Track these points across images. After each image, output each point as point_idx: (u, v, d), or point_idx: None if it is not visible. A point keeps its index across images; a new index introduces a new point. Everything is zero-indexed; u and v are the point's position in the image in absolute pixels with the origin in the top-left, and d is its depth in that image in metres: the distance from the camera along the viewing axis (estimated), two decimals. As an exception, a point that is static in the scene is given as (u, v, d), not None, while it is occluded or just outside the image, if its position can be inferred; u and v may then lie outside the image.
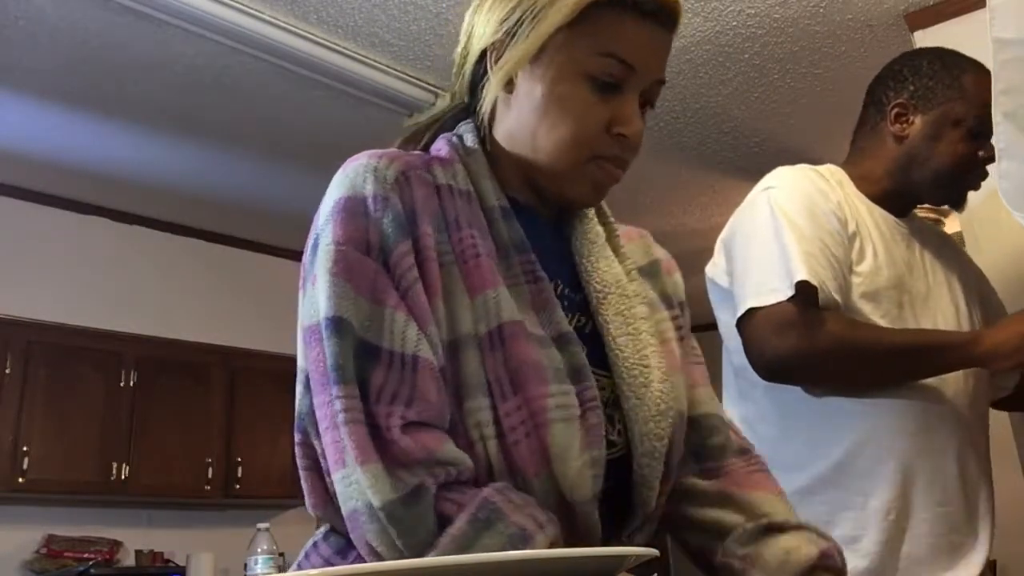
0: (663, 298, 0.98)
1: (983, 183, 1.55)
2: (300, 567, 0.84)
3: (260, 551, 3.36)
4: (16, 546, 4.22)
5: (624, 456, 0.84)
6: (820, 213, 1.43)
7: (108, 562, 4.38)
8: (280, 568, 3.52)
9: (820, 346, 1.33)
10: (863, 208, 1.51)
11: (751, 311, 1.36)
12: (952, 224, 3.68)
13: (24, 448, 4.16)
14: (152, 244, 5.02)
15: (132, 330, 4.69)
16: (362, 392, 0.73)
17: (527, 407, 0.76)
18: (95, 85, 3.59)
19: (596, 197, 0.90)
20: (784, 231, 1.38)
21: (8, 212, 4.55)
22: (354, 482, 0.71)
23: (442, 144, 0.92)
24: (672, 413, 0.86)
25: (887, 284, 1.45)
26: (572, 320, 0.87)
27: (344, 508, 0.72)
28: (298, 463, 0.78)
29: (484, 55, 0.90)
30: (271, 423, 4.99)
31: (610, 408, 0.84)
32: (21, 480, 4.13)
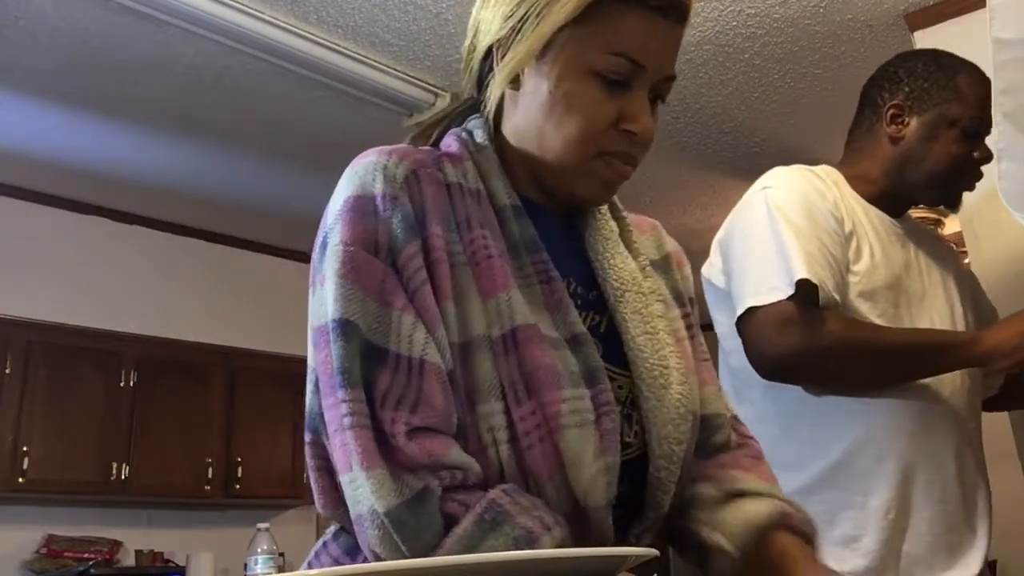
0: (675, 295, 0.97)
1: (982, 183, 1.55)
2: (310, 566, 0.84)
3: (260, 551, 3.36)
4: (16, 546, 4.22)
5: (640, 457, 0.83)
6: (817, 212, 1.43)
7: (108, 562, 4.37)
8: (280, 568, 3.52)
9: (821, 345, 1.33)
10: (859, 208, 1.51)
11: (751, 310, 1.36)
12: (952, 224, 3.67)
13: (24, 448, 4.15)
14: (152, 244, 5.02)
15: (132, 330, 4.69)
16: (368, 396, 0.73)
17: (541, 412, 0.75)
18: (95, 85, 3.59)
19: (605, 195, 0.89)
20: (782, 230, 1.38)
21: (8, 212, 4.54)
22: (360, 487, 0.70)
23: (452, 140, 0.90)
24: (690, 416, 0.85)
25: (884, 283, 1.45)
26: (586, 319, 0.85)
27: (351, 511, 0.72)
28: (308, 463, 0.78)
29: (490, 51, 0.88)
30: (271, 423, 4.99)
31: (627, 408, 0.83)
32: (21, 480, 4.13)
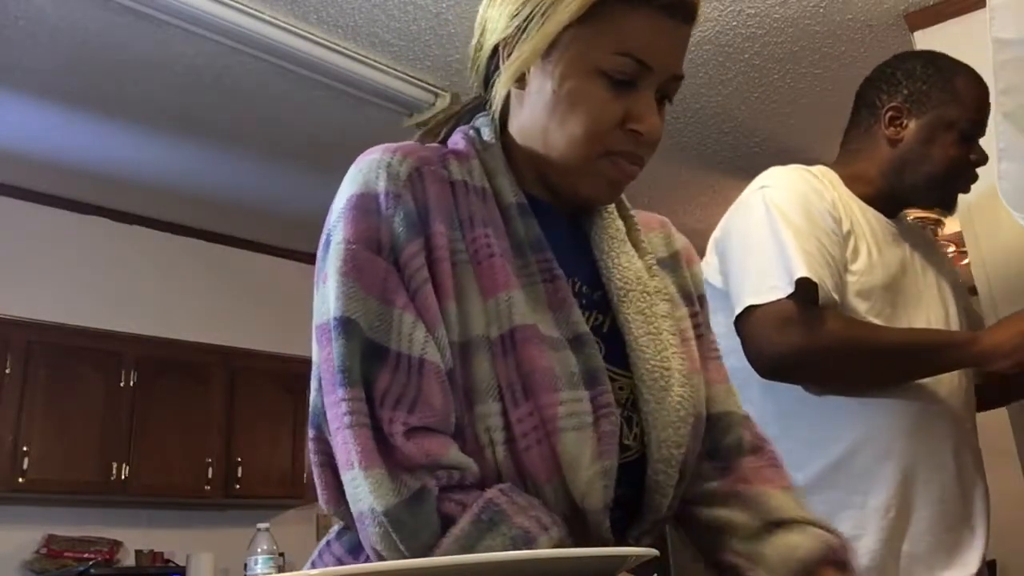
0: (683, 293, 0.96)
1: (982, 183, 1.55)
2: (314, 565, 0.84)
3: (260, 551, 3.36)
4: (16, 546, 4.21)
5: (639, 460, 0.83)
6: (815, 212, 1.43)
7: (108, 562, 4.37)
8: (280, 568, 3.52)
9: (821, 344, 1.33)
10: (856, 208, 1.51)
11: (750, 309, 1.36)
12: (952, 224, 3.68)
13: (24, 448, 4.15)
14: (152, 244, 5.02)
15: (132, 330, 4.68)
16: (368, 394, 0.73)
17: (538, 414, 0.74)
18: (95, 85, 3.59)
19: (611, 195, 0.88)
20: (781, 229, 1.38)
21: (8, 212, 4.54)
22: (359, 485, 0.71)
23: (459, 138, 0.90)
24: (691, 419, 0.84)
25: (881, 283, 1.45)
26: (590, 319, 0.85)
27: (352, 509, 0.72)
28: (311, 459, 0.78)
29: (497, 50, 0.87)
30: (271, 423, 4.99)
31: (628, 409, 0.83)
32: (21, 480, 4.12)
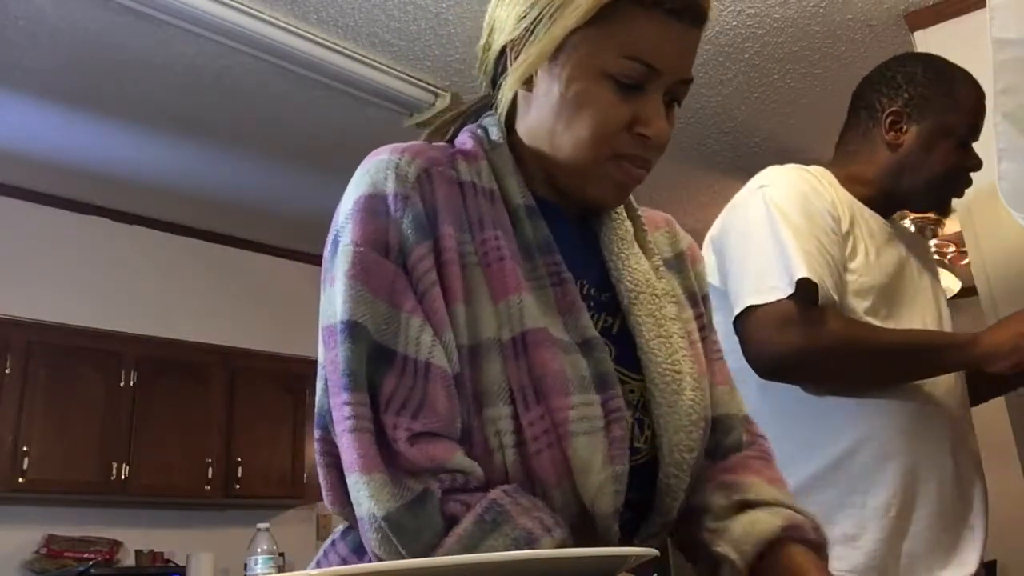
0: (688, 295, 0.95)
1: (982, 183, 1.56)
2: (319, 565, 0.84)
3: (260, 551, 3.36)
4: (16, 546, 4.21)
5: (649, 463, 0.82)
6: (815, 212, 1.43)
7: (108, 562, 4.37)
8: (280, 568, 3.52)
9: (821, 344, 1.33)
10: (855, 208, 1.52)
11: (750, 308, 1.36)
12: (952, 224, 3.67)
13: (24, 448, 4.15)
14: (152, 244, 5.02)
15: (132, 330, 4.68)
16: (373, 399, 0.73)
17: (550, 417, 0.74)
18: (95, 85, 3.59)
19: (618, 198, 0.88)
20: (781, 229, 1.38)
21: (8, 212, 4.54)
22: (360, 489, 0.71)
23: (467, 138, 0.89)
24: (702, 423, 0.84)
25: (878, 283, 1.45)
26: (599, 321, 0.85)
27: (356, 511, 0.72)
28: (317, 459, 0.78)
29: (505, 51, 0.87)
30: (271, 423, 4.99)
31: (639, 412, 0.83)
32: (21, 480, 4.12)
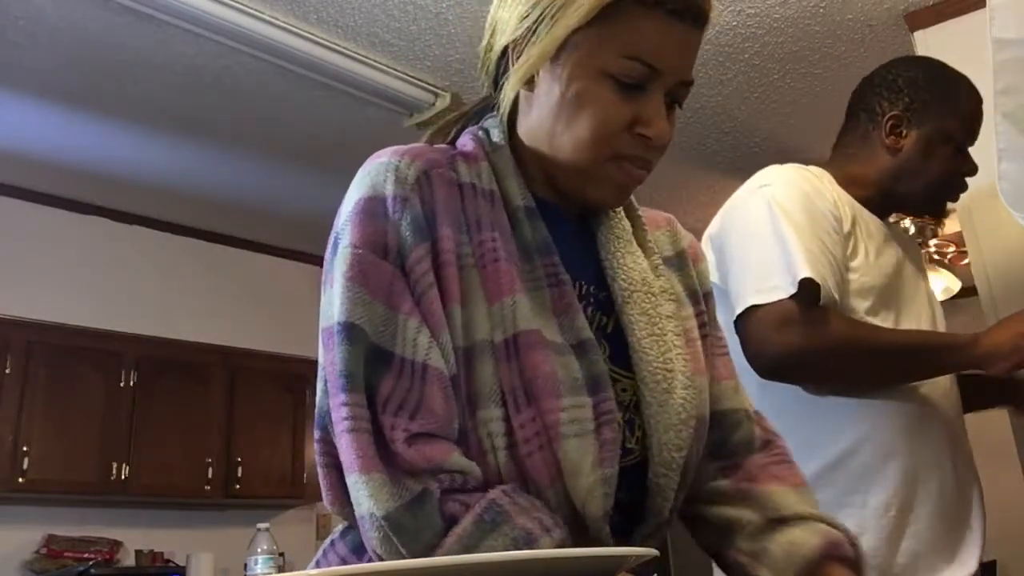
0: (689, 293, 0.95)
1: (982, 183, 1.56)
2: (318, 564, 0.84)
3: (260, 551, 3.36)
4: (16, 546, 4.21)
5: (641, 463, 0.83)
6: (818, 211, 1.43)
7: (108, 562, 4.37)
8: (280, 568, 3.52)
9: (822, 344, 1.33)
10: (855, 208, 1.52)
11: (751, 308, 1.35)
12: (952, 224, 3.67)
13: (24, 448, 4.15)
14: (152, 244, 5.02)
15: (132, 330, 4.68)
16: (371, 400, 0.73)
17: (540, 420, 0.75)
18: (95, 85, 3.59)
19: (618, 199, 0.88)
20: (784, 228, 1.37)
21: (8, 212, 4.54)
22: (359, 489, 0.71)
23: (468, 139, 0.90)
24: (693, 422, 0.84)
25: (878, 283, 1.46)
26: (596, 320, 0.85)
27: (356, 511, 0.73)
28: (317, 459, 0.78)
29: (506, 51, 0.87)
30: (271, 423, 4.99)
31: (631, 412, 0.83)
32: (21, 480, 4.12)
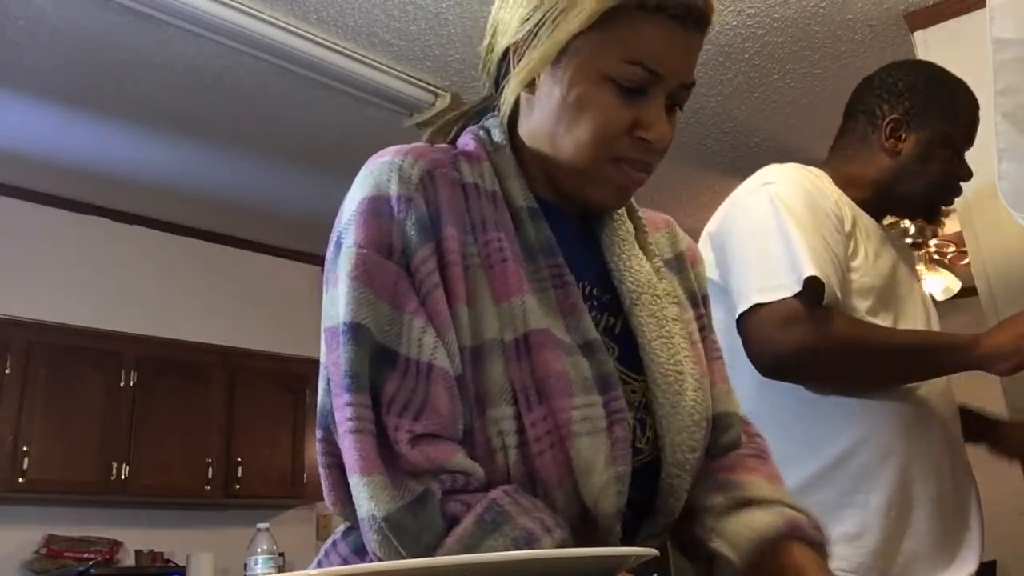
0: (689, 295, 0.96)
1: (982, 183, 1.56)
2: (320, 565, 0.84)
3: (260, 551, 3.36)
4: (16, 546, 4.21)
5: (651, 463, 0.83)
6: (821, 210, 1.43)
7: (108, 562, 4.37)
8: (280, 568, 3.52)
9: (826, 343, 1.33)
10: (855, 209, 1.52)
11: (755, 307, 1.35)
12: (952, 224, 3.67)
13: (24, 448, 4.15)
14: (152, 244, 5.02)
15: (132, 330, 4.68)
16: (375, 400, 0.73)
17: (552, 418, 0.75)
18: (95, 85, 3.59)
19: (618, 201, 0.88)
20: (788, 225, 1.37)
21: (8, 212, 4.54)
22: (360, 491, 0.71)
23: (469, 139, 0.90)
24: (704, 423, 0.85)
25: (877, 283, 1.46)
26: (601, 322, 0.85)
27: (357, 512, 0.73)
28: (319, 459, 0.78)
29: (508, 53, 0.87)
30: (271, 423, 4.99)
31: (641, 412, 0.83)
32: (21, 480, 4.12)
